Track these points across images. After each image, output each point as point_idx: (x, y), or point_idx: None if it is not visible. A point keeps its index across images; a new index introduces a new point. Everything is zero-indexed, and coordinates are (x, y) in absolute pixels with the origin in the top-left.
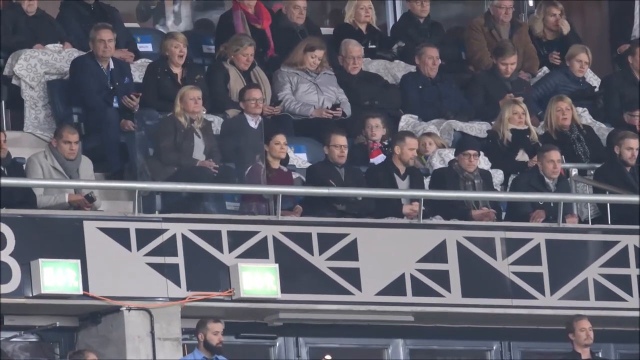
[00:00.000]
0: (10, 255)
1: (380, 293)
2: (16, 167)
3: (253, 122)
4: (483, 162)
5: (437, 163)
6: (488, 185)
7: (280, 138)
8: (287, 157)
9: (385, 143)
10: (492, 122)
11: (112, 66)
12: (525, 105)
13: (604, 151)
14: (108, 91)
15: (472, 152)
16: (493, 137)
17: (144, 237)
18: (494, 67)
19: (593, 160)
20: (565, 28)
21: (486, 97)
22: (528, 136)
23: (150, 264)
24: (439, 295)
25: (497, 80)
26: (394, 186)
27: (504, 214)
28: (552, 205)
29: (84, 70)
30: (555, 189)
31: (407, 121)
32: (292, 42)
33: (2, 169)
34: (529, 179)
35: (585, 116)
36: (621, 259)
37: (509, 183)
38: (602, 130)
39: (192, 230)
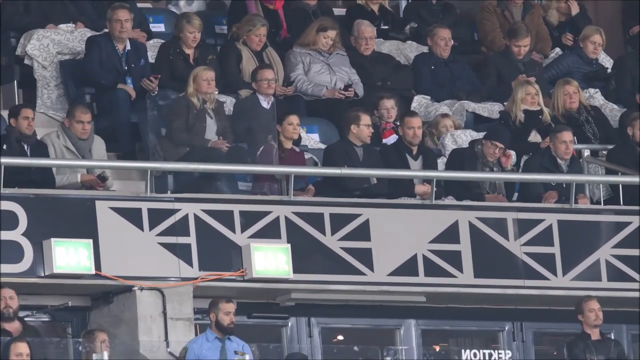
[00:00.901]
0: (23, 234)
1: (392, 273)
2: (40, 147)
3: (265, 103)
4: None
5: (450, 144)
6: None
7: (294, 119)
8: (300, 137)
9: (397, 123)
10: (505, 103)
11: (128, 47)
12: (538, 86)
13: (614, 132)
14: (119, 73)
15: (500, 145)
16: (505, 117)
17: (156, 217)
18: (507, 49)
19: (603, 141)
20: (575, 9)
21: (499, 78)
22: (540, 117)
23: (163, 244)
24: (451, 275)
25: (509, 61)
26: (406, 166)
27: (516, 194)
28: (564, 186)
29: (93, 50)
30: (568, 170)
31: (419, 102)
32: (305, 23)
33: (26, 147)
34: (541, 160)
35: (597, 97)
36: (633, 240)
37: (522, 164)
38: (614, 111)
39: (204, 210)
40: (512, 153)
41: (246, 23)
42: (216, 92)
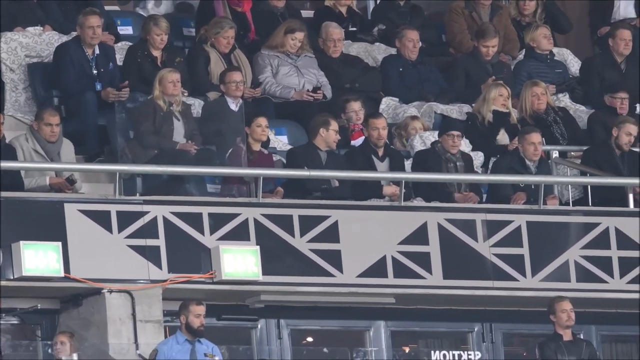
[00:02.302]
0: None
1: (361, 275)
2: (9, 150)
3: (234, 105)
4: (464, 145)
5: (418, 145)
6: (469, 168)
7: (262, 120)
8: (268, 139)
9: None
10: (473, 105)
11: (97, 52)
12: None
13: (582, 133)
14: (89, 77)
15: (455, 133)
16: (472, 119)
17: (125, 219)
18: (475, 50)
19: (571, 141)
20: (529, 9)
21: (467, 79)
22: (508, 119)
23: (132, 246)
24: (420, 277)
25: (477, 63)
26: (372, 168)
27: (485, 196)
28: (533, 187)
29: (65, 59)
30: (536, 171)
31: (387, 104)
32: (273, 25)
33: None
34: (509, 162)
35: (565, 100)
36: (603, 241)
37: (490, 165)
38: (578, 112)
39: (173, 213)
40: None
41: (214, 25)
42: (186, 94)
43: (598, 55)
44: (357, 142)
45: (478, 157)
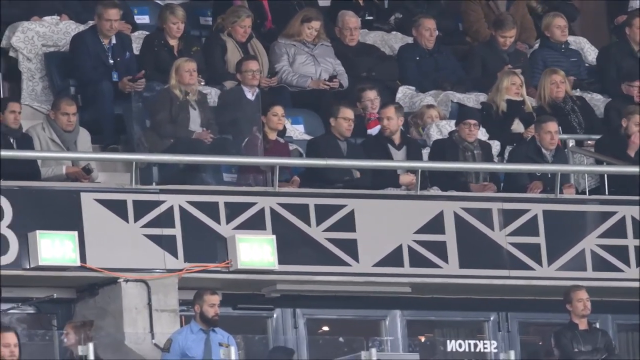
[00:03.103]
0: (8, 227)
1: (377, 264)
2: (26, 140)
3: (250, 94)
4: (481, 134)
5: (435, 134)
6: (487, 156)
7: (278, 109)
8: (285, 128)
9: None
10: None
11: (114, 41)
12: (523, 77)
13: (599, 122)
14: (106, 67)
15: (472, 122)
16: (487, 108)
17: (141, 208)
18: (492, 39)
19: (588, 130)
20: None
21: (484, 68)
22: (523, 107)
23: (148, 236)
24: (436, 266)
25: (494, 52)
26: (389, 157)
27: (502, 185)
28: (549, 176)
29: (81, 48)
30: (553, 160)
31: (404, 92)
32: (290, 14)
33: (12, 140)
34: (526, 151)
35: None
36: (619, 230)
37: (506, 154)
38: (594, 101)
39: (189, 202)
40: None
41: (231, 14)
42: (202, 83)
43: (615, 43)
44: (374, 130)
45: (494, 146)
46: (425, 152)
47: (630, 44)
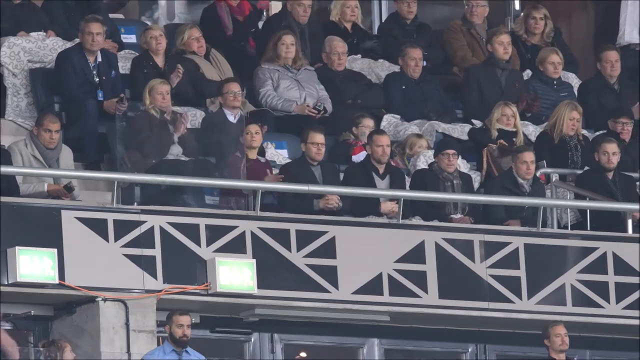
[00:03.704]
0: None
1: (357, 292)
2: (4, 155)
3: (232, 117)
4: (463, 166)
5: (421, 164)
6: (468, 187)
7: (252, 127)
8: (264, 149)
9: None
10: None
11: (99, 59)
12: (516, 108)
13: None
14: (91, 85)
15: (450, 152)
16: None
17: (122, 228)
18: (489, 55)
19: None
20: (539, 28)
21: (479, 94)
22: (514, 139)
23: (127, 255)
24: (415, 296)
25: (490, 73)
26: (372, 185)
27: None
28: (526, 208)
29: (67, 66)
30: (530, 190)
31: (389, 121)
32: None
33: None
34: (502, 181)
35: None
36: (600, 266)
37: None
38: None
39: (170, 223)
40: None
41: (178, 34)
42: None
43: (593, 78)
44: (359, 157)
45: (477, 178)
46: (408, 181)
47: (606, 77)
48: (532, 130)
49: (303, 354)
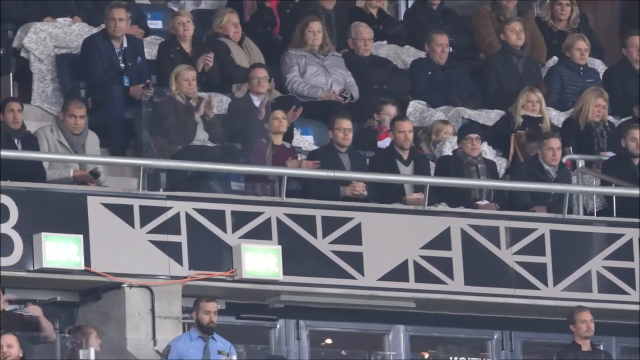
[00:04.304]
0: (13, 228)
1: (382, 278)
2: (30, 140)
3: (258, 102)
4: (489, 152)
5: (447, 150)
6: (492, 174)
7: (278, 113)
8: (291, 134)
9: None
10: (506, 109)
11: (125, 45)
12: (541, 94)
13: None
14: (117, 71)
15: (474, 136)
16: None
17: (148, 214)
18: (504, 44)
19: None
20: (565, 14)
21: (497, 81)
22: (540, 124)
23: (153, 242)
24: (441, 282)
25: (507, 61)
26: (396, 172)
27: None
28: (552, 194)
29: (93, 51)
30: (557, 177)
31: (415, 107)
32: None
33: (16, 141)
34: (528, 167)
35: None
36: (625, 252)
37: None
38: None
39: (195, 209)
40: None
41: (217, 16)
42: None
43: (618, 64)
44: (384, 142)
45: (502, 164)
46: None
47: (631, 63)
48: (554, 115)
49: (329, 341)
